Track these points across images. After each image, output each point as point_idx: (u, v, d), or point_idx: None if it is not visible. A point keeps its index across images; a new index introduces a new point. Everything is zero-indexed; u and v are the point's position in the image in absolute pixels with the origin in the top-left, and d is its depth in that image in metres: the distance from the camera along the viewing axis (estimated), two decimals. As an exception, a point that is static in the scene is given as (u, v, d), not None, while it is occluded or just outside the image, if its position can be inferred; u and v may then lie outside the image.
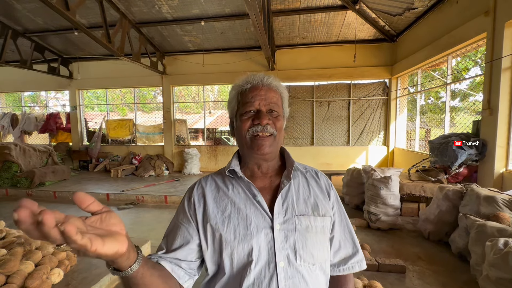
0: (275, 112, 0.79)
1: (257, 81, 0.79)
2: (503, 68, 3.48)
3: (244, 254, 0.70)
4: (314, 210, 0.77)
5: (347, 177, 4.84)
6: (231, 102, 0.84)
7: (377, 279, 2.37)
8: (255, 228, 0.72)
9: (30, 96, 13.23)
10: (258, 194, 0.76)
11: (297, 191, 0.80)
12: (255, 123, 0.76)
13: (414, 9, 5.25)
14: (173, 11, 6.10)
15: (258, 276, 0.69)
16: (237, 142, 0.83)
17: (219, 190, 0.80)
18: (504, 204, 2.67)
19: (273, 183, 0.81)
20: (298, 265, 0.71)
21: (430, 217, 3.38)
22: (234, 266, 0.70)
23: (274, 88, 0.80)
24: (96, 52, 8.01)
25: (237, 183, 0.80)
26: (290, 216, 0.74)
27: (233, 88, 0.84)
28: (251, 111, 0.78)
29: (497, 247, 2.02)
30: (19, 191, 5.94)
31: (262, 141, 0.76)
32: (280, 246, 0.71)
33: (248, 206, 0.75)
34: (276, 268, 0.69)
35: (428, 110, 7.06)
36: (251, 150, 0.77)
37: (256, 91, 0.78)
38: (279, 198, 0.76)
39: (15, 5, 5.83)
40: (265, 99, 0.78)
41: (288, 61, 7.46)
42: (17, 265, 1.99)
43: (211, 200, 0.78)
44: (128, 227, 4.03)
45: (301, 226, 0.74)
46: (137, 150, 8.55)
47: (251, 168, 0.83)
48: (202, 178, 0.86)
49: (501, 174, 3.60)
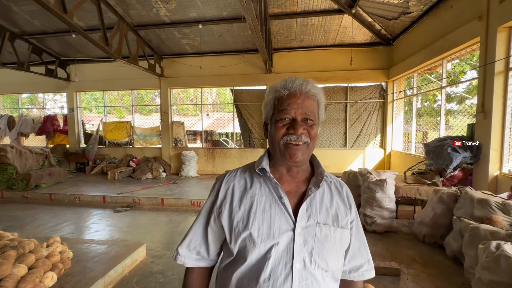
0: (310, 120, 0.78)
1: (295, 88, 0.78)
2: (497, 72, 3.52)
3: (264, 250, 0.74)
4: (334, 221, 0.80)
5: (344, 179, 4.84)
6: (267, 105, 0.83)
7: (372, 282, 2.37)
8: (278, 229, 0.75)
9: (28, 98, 13.19)
10: (284, 196, 0.78)
11: (321, 200, 0.81)
12: (290, 132, 0.76)
13: (410, 13, 5.31)
14: (171, 14, 6.13)
15: (274, 272, 0.73)
16: (270, 146, 0.84)
17: (247, 187, 0.82)
18: (497, 207, 2.69)
19: (299, 188, 0.82)
20: (312, 269, 0.74)
21: (425, 220, 3.39)
22: (253, 259, 0.74)
23: (312, 96, 0.79)
24: (94, 54, 8.02)
25: (265, 182, 0.81)
26: (312, 223, 0.77)
27: (270, 92, 0.82)
28: (286, 118, 0.77)
29: (489, 250, 2.03)
30: (15, 193, 5.90)
31: (295, 150, 0.76)
32: (299, 249, 0.74)
33: (273, 207, 0.77)
34: (292, 268, 0.72)
35: (424, 113, 7.11)
36: (284, 157, 0.78)
37: (293, 98, 0.77)
38: (305, 204, 0.78)
39: (12, 7, 5.84)
40: (302, 107, 0.77)
41: (285, 64, 7.50)
42: (10, 269, 1.98)
43: (238, 196, 0.81)
44: (124, 230, 4.01)
45: (321, 234, 0.76)
46: (134, 153, 8.53)
47: (280, 170, 0.84)
48: (230, 173, 0.87)
49: (496, 177, 3.63)
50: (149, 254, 3.12)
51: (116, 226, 4.18)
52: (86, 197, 5.56)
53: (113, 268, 2.51)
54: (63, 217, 4.56)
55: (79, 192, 5.77)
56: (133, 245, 3.03)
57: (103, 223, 4.30)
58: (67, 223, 4.27)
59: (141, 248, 3.02)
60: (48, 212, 4.87)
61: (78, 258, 2.62)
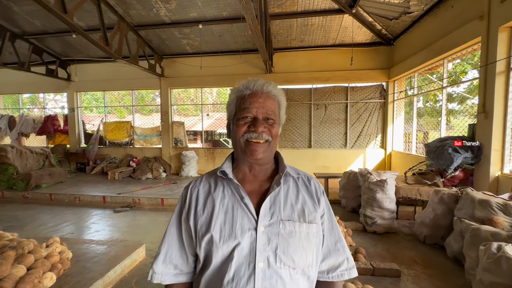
0: (271, 119, 0.80)
1: (257, 87, 0.80)
2: (498, 72, 3.51)
3: (227, 251, 0.74)
4: (300, 216, 0.79)
5: (344, 180, 4.84)
6: (229, 105, 0.85)
7: (372, 284, 2.36)
8: (240, 229, 0.74)
9: (28, 98, 13.21)
10: (245, 196, 0.78)
11: (286, 196, 0.81)
12: (250, 130, 0.78)
13: (410, 13, 5.29)
14: (171, 14, 6.12)
15: (237, 273, 0.72)
16: (232, 145, 0.85)
17: (211, 191, 0.83)
18: (498, 208, 2.68)
19: (262, 187, 0.82)
20: (278, 268, 0.73)
21: (425, 220, 3.38)
22: (218, 262, 0.74)
23: (272, 96, 0.81)
24: (94, 54, 8.02)
25: (228, 184, 0.82)
26: (275, 220, 0.76)
27: (233, 92, 0.84)
28: (247, 117, 0.79)
29: (490, 251, 2.02)
30: (15, 193, 5.91)
31: (256, 146, 0.78)
32: (262, 248, 0.73)
33: (235, 208, 0.78)
34: (255, 268, 0.72)
35: (425, 113, 7.08)
36: (245, 154, 0.79)
37: (255, 97, 0.79)
38: (267, 202, 0.78)
39: (13, 7, 5.84)
40: (263, 107, 0.79)
41: (285, 64, 7.49)
42: (9, 269, 1.97)
43: (202, 201, 0.81)
44: (124, 230, 4.01)
45: (285, 231, 0.76)
46: (134, 153, 8.53)
47: (243, 170, 0.84)
48: (197, 179, 0.88)
49: (497, 177, 3.61)
50: (148, 255, 3.12)
51: (116, 226, 4.17)
52: (86, 197, 5.56)
53: (113, 269, 2.50)
54: (63, 217, 4.56)
55: (79, 192, 5.77)
56: (132, 245, 3.02)
57: (103, 223, 4.29)
58: (67, 223, 4.27)
59: (140, 249, 3.01)
60: (48, 212, 4.87)
61: (78, 258, 2.62)
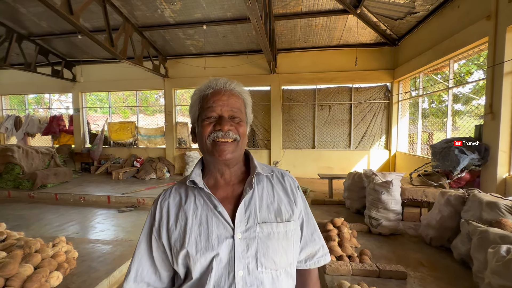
0: (237, 118, 0.77)
1: (219, 86, 0.77)
2: (505, 72, 3.46)
3: (206, 264, 0.71)
4: (277, 216, 0.77)
5: (348, 181, 4.81)
6: (192, 107, 0.81)
7: (378, 285, 2.34)
8: (216, 240, 0.72)
9: (34, 98, 13.34)
10: (219, 204, 0.75)
11: (261, 197, 0.78)
12: (216, 129, 0.74)
13: (416, 13, 5.25)
14: (175, 15, 6.15)
15: (217, 284, 0.70)
16: (199, 148, 0.80)
17: (181, 203, 0.78)
18: (507, 210, 2.64)
19: (235, 192, 0.79)
20: (259, 273, 0.71)
21: (431, 222, 3.34)
22: (197, 274, 0.72)
23: (236, 94, 0.79)
24: (99, 55, 8.09)
25: (199, 194, 0.78)
26: (252, 224, 0.74)
27: (195, 93, 0.81)
28: (212, 116, 0.76)
29: (500, 254, 1.99)
30: (21, 193, 5.97)
31: (223, 146, 0.74)
32: (240, 255, 0.71)
33: (209, 217, 0.74)
34: (235, 277, 0.70)
35: (430, 113, 7.03)
36: (212, 155, 0.76)
37: (218, 96, 0.76)
38: (241, 207, 0.75)
39: (20, 9, 5.91)
40: (227, 104, 0.76)
41: (289, 64, 7.48)
42: (16, 268, 1.99)
43: (173, 215, 0.77)
44: (129, 230, 4.03)
45: (263, 234, 0.74)
46: (138, 153, 8.58)
47: (214, 176, 0.81)
48: (166, 190, 0.83)
49: (504, 179, 3.56)
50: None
51: (121, 226, 4.19)
52: (91, 197, 5.60)
53: (118, 268, 2.51)
54: (68, 217, 4.60)
55: (84, 192, 5.81)
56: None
57: (107, 223, 4.32)
58: (72, 223, 4.30)
59: (145, 249, 3.02)
60: (54, 211, 4.91)
61: (83, 258, 2.63)
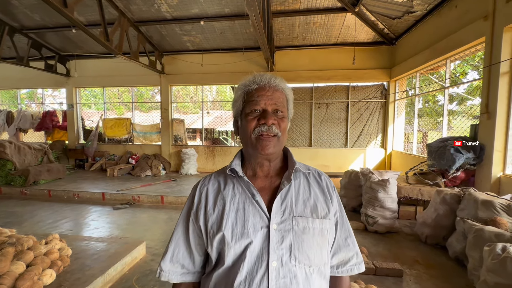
0: (280, 112, 0.79)
1: (264, 81, 0.80)
2: (502, 72, 3.49)
3: (239, 251, 0.72)
4: (313, 212, 0.78)
5: (345, 179, 4.82)
6: (236, 101, 0.84)
7: (374, 283, 2.35)
8: (252, 227, 0.73)
9: (26, 93, 13.10)
10: (257, 193, 0.77)
11: (297, 192, 0.80)
12: (260, 123, 0.76)
13: (414, 12, 5.26)
14: (172, 10, 6.07)
15: (250, 272, 0.71)
16: (242, 141, 0.83)
17: (220, 189, 0.81)
18: (501, 209, 2.67)
19: (273, 184, 0.81)
20: (292, 266, 0.72)
21: (427, 220, 3.37)
22: (230, 261, 0.73)
23: (280, 89, 0.81)
24: (94, 50, 7.95)
25: (238, 182, 0.81)
26: (287, 217, 0.75)
27: (239, 88, 0.83)
28: (257, 110, 0.78)
29: (495, 252, 2.00)
30: (13, 189, 5.86)
31: (267, 141, 0.76)
32: (275, 246, 0.72)
33: (247, 205, 0.76)
34: (268, 267, 0.70)
35: (424, 113, 7.08)
36: (256, 150, 0.78)
37: (262, 91, 0.79)
38: (278, 199, 0.76)
39: (12, 1, 5.76)
40: (272, 99, 0.78)
41: (287, 62, 7.45)
42: (8, 266, 1.94)
43: (212, 199, 0.80)
44: (124, 227, 3.98)
45: (298, 228, 0.74)
46: (134, 150, 8.48)
47: (253, 167, 0.83)
48: (205, 177, 0.87)
49: (499, 178, 3.60)
50: (149, 252, 3.09)
51: (116, 223, 4.14)
52: (85, 193, 5.52)
53: (113, 266, 2.48)
54: (62, 214, 4.52)
55: (78, 189, 5.73)
56: (132, 243, 3.00)
57: (102, 220, 4.26)
58: (66, 220, 4.23)
59: (140, 246, 2.99)
60: (47, 208, 4.82)
61: (77, 255, 2.59)
